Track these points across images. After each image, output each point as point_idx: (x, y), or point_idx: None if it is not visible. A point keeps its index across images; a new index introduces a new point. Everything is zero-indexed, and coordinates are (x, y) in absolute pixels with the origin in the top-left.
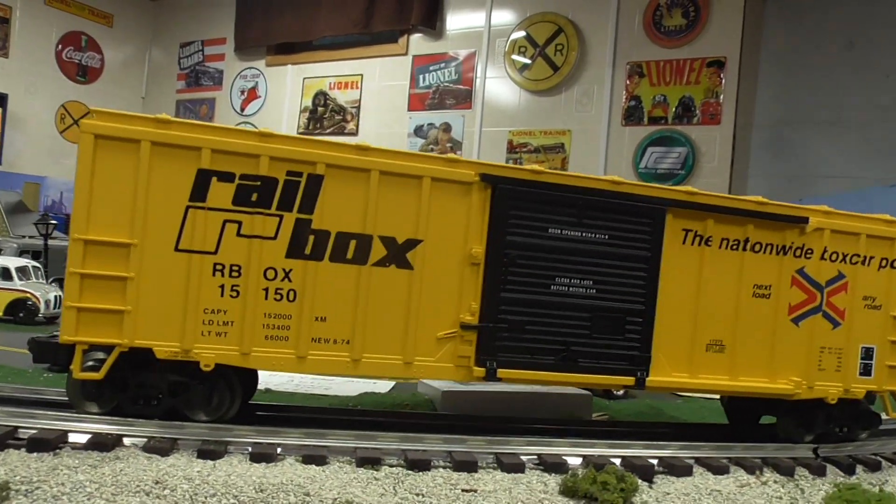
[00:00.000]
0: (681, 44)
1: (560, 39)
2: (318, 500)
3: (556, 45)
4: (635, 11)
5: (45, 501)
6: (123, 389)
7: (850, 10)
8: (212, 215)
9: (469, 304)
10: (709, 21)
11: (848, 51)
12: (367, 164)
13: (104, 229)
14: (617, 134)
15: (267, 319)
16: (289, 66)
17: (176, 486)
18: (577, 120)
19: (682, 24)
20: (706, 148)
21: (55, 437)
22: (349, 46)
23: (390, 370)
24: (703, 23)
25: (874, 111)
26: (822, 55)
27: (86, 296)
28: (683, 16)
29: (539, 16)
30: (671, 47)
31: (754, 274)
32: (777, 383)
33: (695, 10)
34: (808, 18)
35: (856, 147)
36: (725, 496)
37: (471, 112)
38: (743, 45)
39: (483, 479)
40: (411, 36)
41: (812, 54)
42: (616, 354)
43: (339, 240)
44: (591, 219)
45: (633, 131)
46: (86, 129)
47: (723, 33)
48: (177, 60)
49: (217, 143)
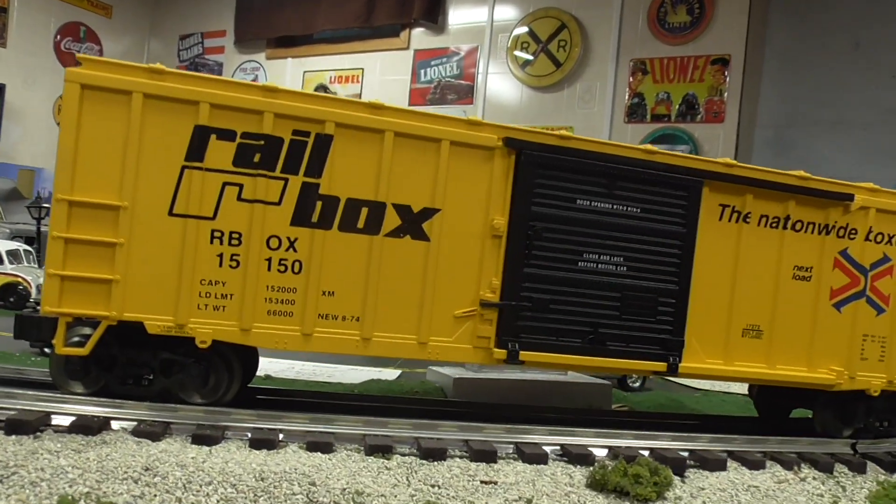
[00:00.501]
0: (685, 41)
1: (563, 35)
2: (325, 489)
3: (559, 40)
4: (639, 7)
5: (21, 488)
6: (111, 368)
7: (856, 9)
8: (210, 177)
9: (490, 280)
10: (713, 18)
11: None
12: (381, 124)
13: (91, 190)
14: (619, 131)
15: (270, 293)
16: (289, 59)
17: (168, 473)
18: (579, 117)
19: (687, 21)
20: (709, 146)
21: (36, 419)
22: (350, 40)
23: (403, 351)
24: (708, 20)
25: (879, 112)
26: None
27: (70, 263)
28: (688, 12)
29: (542, 11)
30: (675, 44)
31: (795, 254)
32: (817, 373)
33: (699, 7)
34: (813, 17)
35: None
36: (764, 492)
37: (472, 108)
38: (748, 43)
39: (503, 471)
40: (413, 30)
41: (817, 53)
42: (647, 338)
43: (350, 207)
44: (622, 190)
45: (635, 129)
46: (71, 78)
47: (727, 31)
48: (176, 52)
49: (217, 98)
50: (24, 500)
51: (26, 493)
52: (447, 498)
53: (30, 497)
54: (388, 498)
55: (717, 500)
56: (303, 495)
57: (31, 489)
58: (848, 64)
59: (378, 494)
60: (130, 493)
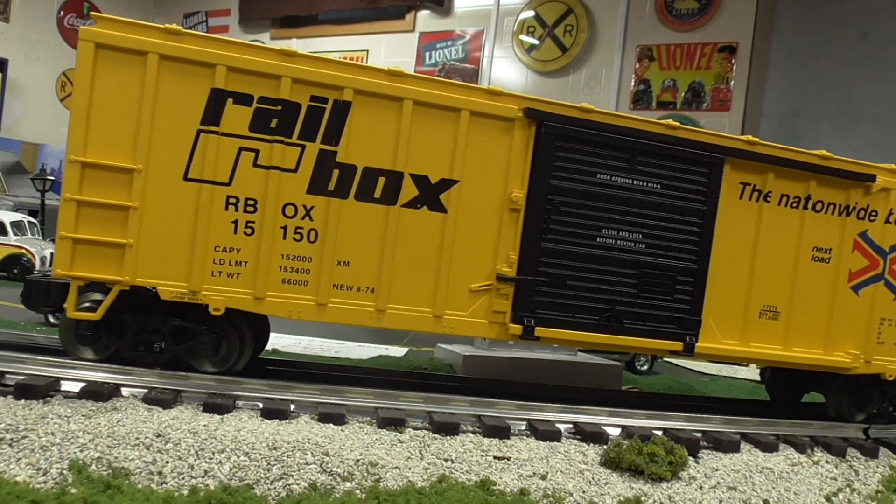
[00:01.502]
0: (692, 27)
1: (570, 20)
2: (339, 460)
3: (565, 25)
4: None
5: (32, 452)
6: (122, 334)
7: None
8: (226, 142)
9: (507, 254)
10: (721, 5)
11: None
12: (400, 91)
13: (104, 152)
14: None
15: (284, 261)
16: (293, 39)
17: (180, 439)
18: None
19: (695, 8)
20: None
21: (46, 384)
22: (355, 21)
23: (418, 324)
24: (716, 7)
25: (886, 104)
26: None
27: (83, 226)
28: None
29: None
30: (683, 31)
31: (814, 235)
32: (833, 356)
33: None
34: (821, 7)
35: (866, 140)
36: (777, 474)
37: None
38: (755, 32)
39: (517, 447)
40: (418, 12)
41: (824, 44)
42: (664, 316)
43: (367, 176)
44: (643, 165)
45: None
46: (86, 37)
47: (735, 18)
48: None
49: (234, 61)
50: (35, 464)
51: (37, 457)
52: (461, 472)
53: (40, 461)
54: (402, 470)
55: (732, 480)
56: (316, 465)
57: (41, 453)
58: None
59: (392, 466)
60: (142, 459)
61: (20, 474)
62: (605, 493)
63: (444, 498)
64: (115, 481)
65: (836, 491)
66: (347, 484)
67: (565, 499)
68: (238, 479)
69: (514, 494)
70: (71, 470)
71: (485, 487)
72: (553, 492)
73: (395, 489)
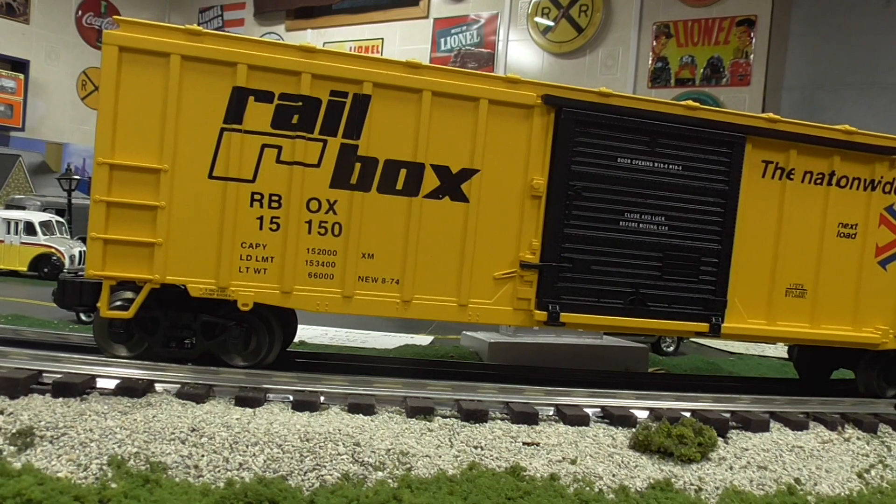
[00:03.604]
0: (710, 2)
1: (584, 0)
2: (370, 450)
3: (580, 5)
4: None
5: (72, 448)
6: (154, 331)
7: None
8: (249, 139)
9: (529, 241)
10: None
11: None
12: (419, 83)
13: (131, 153)
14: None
15: (310, 255)
16: (308, 30)
17: (214, 433)
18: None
19: None
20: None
21: (82, 382)
22: (369, 10)
23: (443, 313)
24: None
25: None
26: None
27: (113, 226)
28: None
29: None
30: (700, 6)
31: (839, 211)
32: (862, 332)
33: None
34: None
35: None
36: (808, 452)
37: None
38: (774, 4)
39: (545, 432)
40: None
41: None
42: (689, 298)
43: (388, 168)
44: (664, 147)
45: (659, 94)
46: (109, 41)
47: None
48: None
49: (254, 59)
50: (76, 460)
51: (77, 454)
52: (491, 459)
53: (80, 457)
54: (432, 458)
55: (762, 460)
56: (348, 455)
57: (81, 449)
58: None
59: (423, 455)
60: (179, 453)
61: (62, 470)
62: (635, 476)
63: (475, 485)
64: (153, 475)
65: (869, 467)
66: (379, 473)
67: (595, 483)
68: (272, 470)
69: (545, 480)
70: (110, 465)
71: (515, 474)
72: (583, 476)
73: (426, 477)
